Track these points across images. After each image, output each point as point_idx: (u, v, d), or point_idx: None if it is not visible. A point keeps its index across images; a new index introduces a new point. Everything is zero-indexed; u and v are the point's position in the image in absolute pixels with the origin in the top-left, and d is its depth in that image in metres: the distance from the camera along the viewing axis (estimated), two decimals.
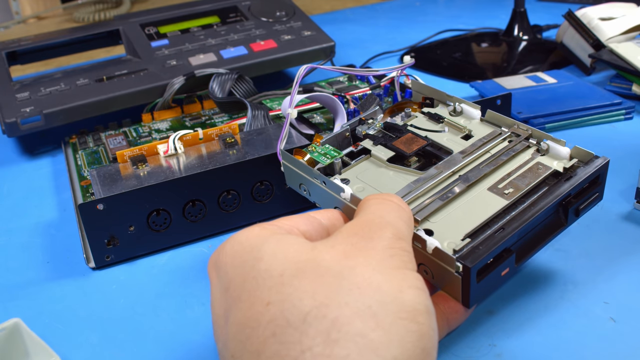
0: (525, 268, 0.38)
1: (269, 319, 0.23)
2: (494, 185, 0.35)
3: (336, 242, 0.26)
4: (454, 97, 0.42)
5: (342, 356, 0.22)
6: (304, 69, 0.41)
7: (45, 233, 0.47)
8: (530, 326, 0.34)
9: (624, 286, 0.36)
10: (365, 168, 0.38)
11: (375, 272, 0.25)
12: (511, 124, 0.39)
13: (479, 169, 0.36)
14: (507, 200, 0.34)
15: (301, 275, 0.25)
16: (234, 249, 0.27)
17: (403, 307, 0.24)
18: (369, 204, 0.30)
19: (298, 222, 0.30)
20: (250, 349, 0.23)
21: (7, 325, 0.33)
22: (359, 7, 1.12)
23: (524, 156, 0.37)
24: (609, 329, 0.33)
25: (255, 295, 0.25)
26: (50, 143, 0.63)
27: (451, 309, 0.31)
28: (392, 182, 0.36)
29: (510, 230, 0.31)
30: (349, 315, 0.23)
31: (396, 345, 0.23)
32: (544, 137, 0.38)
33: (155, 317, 0.37)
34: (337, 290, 0.24)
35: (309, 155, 0.38)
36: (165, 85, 0.59)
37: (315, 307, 0.23)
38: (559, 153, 0.37)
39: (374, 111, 0.43)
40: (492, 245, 0.30)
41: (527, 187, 0.34)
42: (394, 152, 0.38)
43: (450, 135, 0.40)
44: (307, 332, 0.23)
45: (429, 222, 0.33)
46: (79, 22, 1.12)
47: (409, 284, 0.25)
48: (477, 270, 0.29)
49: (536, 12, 0.95)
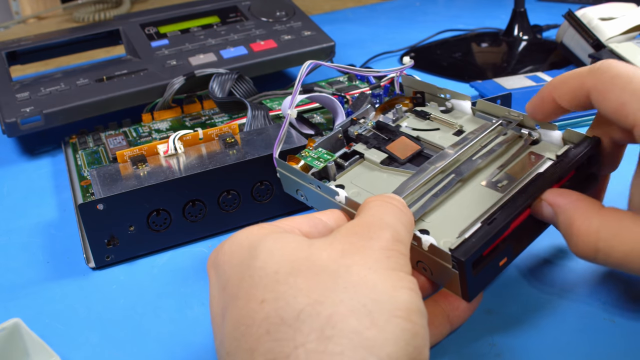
0: (525, 268, 0.38)
1: (263, 317, 0.24)
2: (488, 179, 0.35)
3: (334, 240, 0.27)
4: (444, 89, 0.42)
5: (336, 353, 0.22)
6: (308, 65, 0.40)
7: (45, 233, 0.47)
8: (530, 326, 0.34)
9: (624, 286, 0.36)
10: (359, 172, 0.38)
11: (371, 271, 0.25)
12: (502, 112, 0.39)
13: (472, 161, 0.36)
14: (501, 193, 0.34)
15: (296, 273, 0.25)
16: (232, 248, 0.28)
17: (397, 305, 0.24)
18: (370, 205, 0.30)
19: (301, 222, 0.30)
20: (245, 347, 0.23)
21: (7, 325, 0.33)
22: (359, 7, 1.12)
23: (516, 146, 0.37)
24: (609, 329, 0.33)
25: (250, 293, 0.25)
26: (50, 143, 0.63)
27: (452, 305, 0.31)
28: (386, 184, 0.36)
29: (501, 220, 0.31)
30: (343, 313, 0.23)
31: (390, 343, 0.23)
32: (536, 123, 0.37)
33: (155, 317, 0.37)
34: (332, 288, 0.24)
35: (303, 161, 0.39)
36: (165, 85, 0.59)
37: (310, 304, 0.23)
38: (551, 139, 0.37)
39: (366, 110, 0.43)
40: (485, 237, 0.30)
41: (521, 178, 0.34)
42: (388, 155, 0.38)
43: (442, 133, 0.40)
44: (300, 329, 0.23)
45: (424, 221, 0.33)
46: (79, 22, 1.12)
47: (403, 284, 0.25)
48: (471, 262, 0.29)
49: (536, 12, 0.95)
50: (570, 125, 0.57)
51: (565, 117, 0.57)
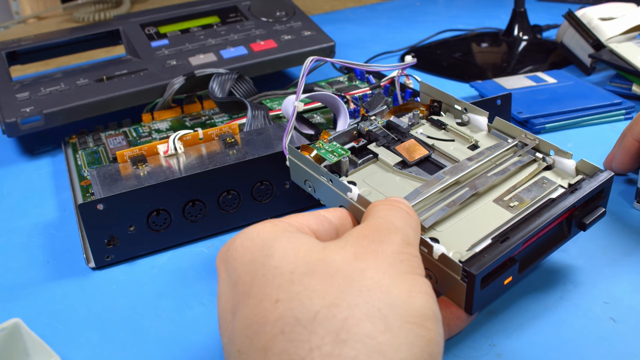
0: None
1: (278, 317, 0.23)
2: (499, 197, 0.35)
3: (347, 243, 0.27)
4: (462, 102, 0.42)
5: (351, 357, 0.22)
6: (310, 61, 0.40)
7: (45, 233, 0.47)
8: (530, 326, 0.34)
9: (624, 286, 0.36)
10: (372, 172, 0.38)
11: (385, 275, 0.25)
12: (518, 133, 0.39)
13: (486, 177, 0.36)
14: (511, 214, 0.34)
15: (311, 274, 0.25)
16: (244, 245, 0.27)
17: (412, 311, 0.24)
18: (378, 209, 0.30)
19: (309, 220, 0.30)
20: (258, 346, 0.23)
21: (7, 325, 0.33)
22: (359, 7, 1.12)
23: (530, 169, 0.38)
24: (609, 329, 0.33)
25: (264, 292, 0.25)
26: (50, 143, 0.63)
27: (453, 314, 0.31)
28: (398, 188, 0.36)
29: (515, 240, 0.31)
30: (358, 317, 0.23)
31: (404, 349, 0.23)
32: (551, 149, 0.38)
33: (155, 317, 0.37)
34: (347, 291, 0.24)
35: (315, 152, 0.38)
36: (165, 85, 0.59)
37: (325, 306, 0.23)
38: (565, 167, 0.37)
39: (381, 111, 0.43)
40: (497, 254, 0.30)
41: (532, 201, 0.35)
42: (397, 155, 0.39)
43: (457, 145, 0.40)
44: (316, 331, 0.23)
45: (435, 230, 0.33)
46: (79, 22, 1.12)
47: (418, 289, 0.25)
48: (481, 277, 0.30)
49: (536, 12, 0.95)
50: (571, 125, 0.57)
51: (565, 117, 0.57)
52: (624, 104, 0.58)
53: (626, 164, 0.45)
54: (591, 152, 0.51)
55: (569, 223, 0.35)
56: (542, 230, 0.33)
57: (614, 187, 0.46)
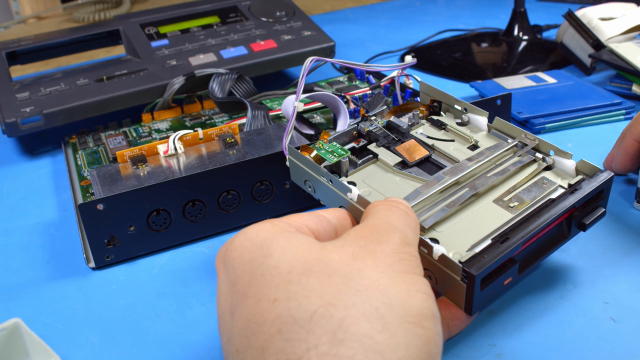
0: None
1: (275, 316, 0.24)
2: (499, 197, 0.35)
3: (345, 243, 0.27)
4: (462, 102, 0.42)
5: (348, 356, 0.22)
6: (310, 61, 0.40)
7: (45, 233, 0.47)
8: (530, 326, 0.34)
9: (624, 286, 0.36)
10: (372, 172, 0.38)
11: (383, 275, 0.25)
12: (518, 134, 0.39)
13: (486, 177, 0.36)
14: (511, 214, 0.34)
15: (309, 274, 0.25)
16: (243, 245, 0.27)
17: (410, 311, 0.24)
18: (377, 209, 0.30)
19: (308, 220, 0.30)
20: (255, 345, 0.23)
21: (7, 325, 0.33)
22: (359, 7, 1.12)
23: (529, 169, 0.38)
24: (609, 329, 0.33)
25: (262, 291, 0.25)
26: (50, 143, 0.63)
27: (452, 315, 0.31)
28: (398, 188, 0.36)
29: (515, 241, 0.31)
30: (356, 316, 0.23)
31: (402, 348, 0.23)
32: (551, 149, 0.38)
33: (155, 317, 0.37)
34: (344, 291, 0.24)
35: (315, 152, 0.38)
36: (165, 85, 0.59)
37: (323, 306, 0.23)
38: (565, 167, 0.37)
39: (381, 111, 0.43)
40: (497, 255, 0.30)
41: (531, 201, 0.35)
42: (397, 156, 0.39)
43: (456, 145, 0.40)
44: (313, 331, 0.23)
45: (435, 231, 0.33)
46: (79, 22, 1.12)
47: (417, 288, 0.25)
48: (481, 278, 0.30)
49: (536, 12, 0.95)
50: (571, 125, 0.57)
51: (565, 117, 0.57)
52: (624, 104, 0.58)
53: (626, 164, 0.45)
54: (591, 152, 0.51)
55: (568, 223, 0.35)
56: (542, 231, 0.33)
57: (614, 187, 0.46)
